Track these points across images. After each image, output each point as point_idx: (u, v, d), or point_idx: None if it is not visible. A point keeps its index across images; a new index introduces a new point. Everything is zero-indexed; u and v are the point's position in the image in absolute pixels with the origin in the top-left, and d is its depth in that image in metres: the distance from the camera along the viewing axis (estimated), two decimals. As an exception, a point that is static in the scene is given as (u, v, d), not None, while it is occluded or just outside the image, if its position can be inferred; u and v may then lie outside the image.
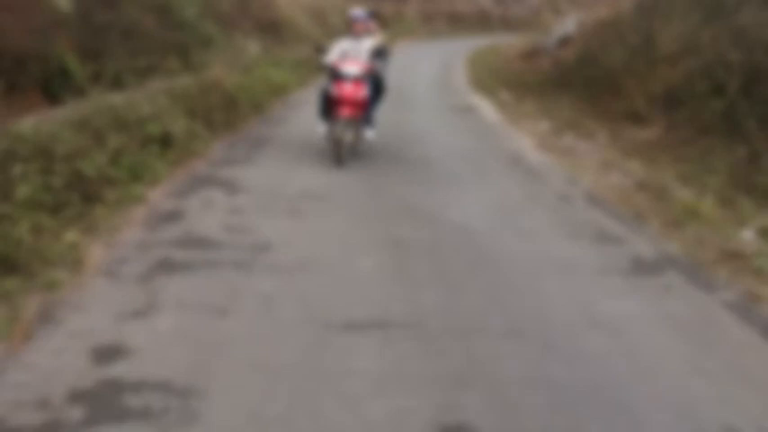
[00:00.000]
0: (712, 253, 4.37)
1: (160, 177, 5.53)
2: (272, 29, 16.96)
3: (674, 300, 3.72)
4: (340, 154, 6.43)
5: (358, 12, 6.98)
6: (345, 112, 6.38)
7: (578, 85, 10.24)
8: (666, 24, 9.24)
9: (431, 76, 15.61)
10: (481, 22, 37.23)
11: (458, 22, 36.66)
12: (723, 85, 7.23)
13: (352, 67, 6.48)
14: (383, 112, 7.55)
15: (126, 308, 3.29)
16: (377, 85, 6.81)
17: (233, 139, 7.49)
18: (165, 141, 6.17)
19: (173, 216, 4.71)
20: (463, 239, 4.50)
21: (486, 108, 10.74)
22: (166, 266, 3.82)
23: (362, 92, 6.44)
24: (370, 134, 6.76)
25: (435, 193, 5.64)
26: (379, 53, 6.74)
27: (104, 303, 3.35)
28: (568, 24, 16.56)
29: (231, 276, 3.73)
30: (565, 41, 16.69)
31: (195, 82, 7.88)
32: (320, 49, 6.88)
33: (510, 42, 25.78)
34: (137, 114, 6.03)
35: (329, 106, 6.53)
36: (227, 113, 7.89)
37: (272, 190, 5.50)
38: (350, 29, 6.92)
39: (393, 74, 8.08)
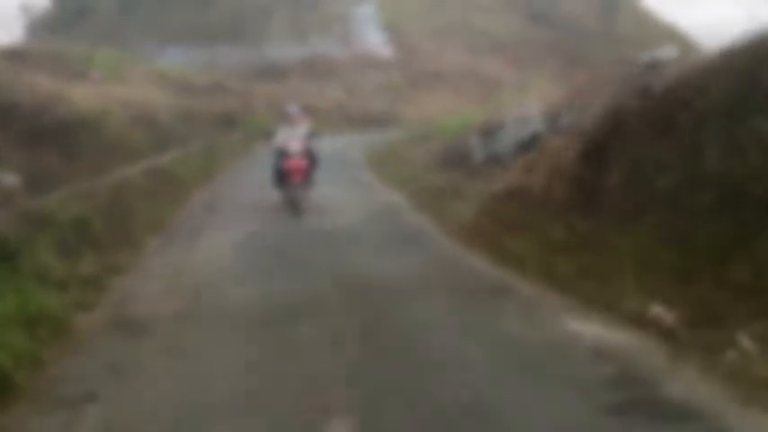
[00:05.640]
0: None
1: None
2: (61, 137, 9.84)
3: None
4: (297, 207, 9.40)
5: (293, 109, 10.94)
6: (295, 178, 9.51)
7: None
8: None
9: (373, 220, 9.11)
10: (341, 117, 33.09)
11: (317, 119, 31.50)
12: None
13: (295, 147, 9.73)
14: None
15: None
16: (313, 158, 9.96)
17: None
18: None
19: None
20: None
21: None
22: None
23: (304, 163, 9.63)
24: (312, 194, 9.87)
25: None
26: (311, 135, 10.28)
27: None
28: (532, 118, 11.19)
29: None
30: (530, 145, 11.29)
31: None
32: (269, 134, 10.68)
33: (392, 140, 20.85)
34: None
35: (282, 177, 9.69)
36: None
37: None
38: (286, 120, 10.48)
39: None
